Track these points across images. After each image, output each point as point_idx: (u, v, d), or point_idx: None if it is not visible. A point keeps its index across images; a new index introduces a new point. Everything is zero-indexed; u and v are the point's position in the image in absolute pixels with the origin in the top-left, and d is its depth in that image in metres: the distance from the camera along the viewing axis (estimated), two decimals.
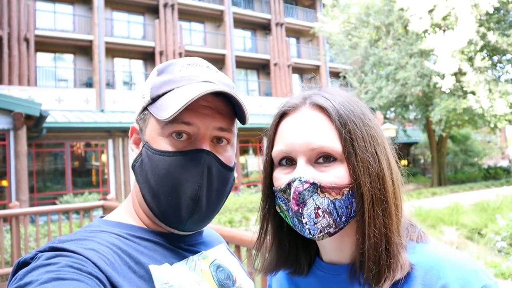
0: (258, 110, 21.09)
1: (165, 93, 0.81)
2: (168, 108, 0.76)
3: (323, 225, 0.71)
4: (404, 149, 27.61)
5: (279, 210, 0.79)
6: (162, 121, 0.78)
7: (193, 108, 0.77)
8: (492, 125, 17.43)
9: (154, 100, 0.81)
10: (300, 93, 0.82)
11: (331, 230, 0.72)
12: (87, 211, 5.70)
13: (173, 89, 0.80)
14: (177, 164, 0.77)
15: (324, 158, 0.73)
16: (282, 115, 0.81)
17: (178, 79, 0.81)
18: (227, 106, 0.83)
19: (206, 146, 0.79)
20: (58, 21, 18.36)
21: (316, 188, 0.71)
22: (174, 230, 0.83)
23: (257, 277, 1.20)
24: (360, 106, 0.79)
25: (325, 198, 0.71)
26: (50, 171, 15.65)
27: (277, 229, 0.84)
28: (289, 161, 0.77)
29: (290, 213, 0.74)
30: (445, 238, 8.64)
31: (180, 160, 0.77)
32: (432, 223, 9.89)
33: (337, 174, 0.72)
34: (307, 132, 0.74)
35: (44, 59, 18.09)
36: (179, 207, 0.78)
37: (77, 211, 5.98)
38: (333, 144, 0.73)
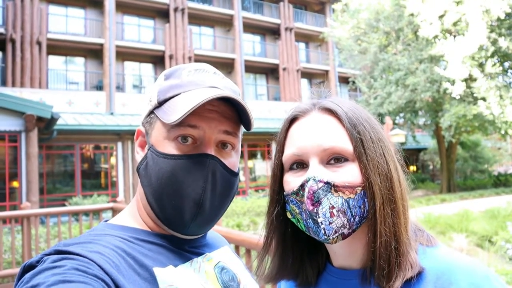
0: (267, 115, 21.10)
1: (172, 97, 0.81)
2: (175, 111, 0.76)
3: (338, 225, 0.71)
4: (413, 155, 27.41)
5: (290, 216, 0.79)
6: (168, 125, 0.78)
7: (199, 112, 0.78)
8: (502, 132, 17.27)
9: (161, 104, 0.82)
10: (309, 100, 0.84)
11: (345, 231, 0.72)
12: (96, 213, 5.74)
13: (180, 94, 0.81)
14: (182, 167, 0.78)
15: (335, 159, 0.75)
16: (291, 120, 0.82)
17: (185, 83, 0.82)
18: (233, 112, 0.84)
19: (211, 151, 0.80)
20: (69, 25, 18.61)
21: (330, 187, 0.71)
22: (177, 234, 0.84)
23: None
24: (366, 112, 0.81)
25: (339, 197, 0.71)
26: (60, 173, 15.79)
27: (282, 237, 0.85)
28: (300, 165, 0.77)
29: (304, 215, 0.74)
30: (455, 245, 8.52)
31: (185, 164, 0.78)
32: (441, 230, 9.77)
33: (349, 173, 0.73)
34: (318, 134, 0.76)
35: (55, 62, 18.31)
36: (183, 211, 0.79)
37: (86, 213, 6.02)
38: (344, 144, 0.74)
